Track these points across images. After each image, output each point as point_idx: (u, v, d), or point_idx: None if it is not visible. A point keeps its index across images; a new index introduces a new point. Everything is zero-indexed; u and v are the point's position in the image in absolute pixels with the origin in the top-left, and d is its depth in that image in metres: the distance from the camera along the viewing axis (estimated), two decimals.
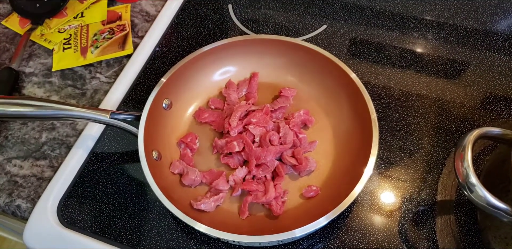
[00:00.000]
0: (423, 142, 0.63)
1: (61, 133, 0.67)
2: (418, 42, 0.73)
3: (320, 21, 0.77)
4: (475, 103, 0.66)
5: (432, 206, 0.57)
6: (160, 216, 0.58)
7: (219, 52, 0.65)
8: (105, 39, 0.76)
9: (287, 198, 0.57)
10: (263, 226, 0.55)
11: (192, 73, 0.65)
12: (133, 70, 0.73)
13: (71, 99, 0.71)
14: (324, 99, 0.65)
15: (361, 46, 0.73)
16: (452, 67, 0.70)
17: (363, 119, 0.57)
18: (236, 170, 0.59)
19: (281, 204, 0.56)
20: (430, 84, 0.68)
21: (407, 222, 0.56)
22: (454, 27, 0.75)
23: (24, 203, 0.61)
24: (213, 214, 0.56)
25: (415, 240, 0.55)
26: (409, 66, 0.71)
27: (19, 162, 0.65)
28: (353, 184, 0.51)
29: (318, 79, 0.65)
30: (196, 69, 0.65)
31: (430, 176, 0.60)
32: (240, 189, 0.58)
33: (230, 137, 0.60)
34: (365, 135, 0.56)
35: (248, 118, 0.61)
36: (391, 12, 0.77)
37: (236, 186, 0.58)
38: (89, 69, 0.74)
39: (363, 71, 0.70)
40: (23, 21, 0.81)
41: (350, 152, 0.59)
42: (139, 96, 0.70)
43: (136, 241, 0.57)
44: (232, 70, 0.68)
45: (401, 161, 0.61)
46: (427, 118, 0.65)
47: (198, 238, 0.57)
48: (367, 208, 0.58)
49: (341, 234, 0.56)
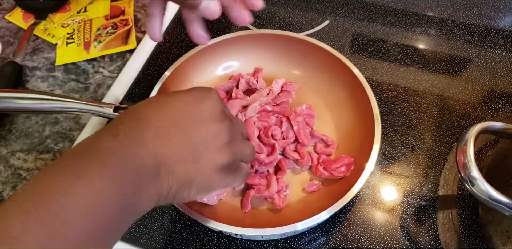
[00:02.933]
0: (425, 137, 0.63)
1: (65, 127, 0.68)
2: (420, 38, 0.74)
3: (323, 17, 0.77)
4: (477, 98, 0.66)
5: (434, 201, 0.58)
6: (162, 210, 0.59)
7: (223, 47, 0.65)
8: (108, 34, 0.77)
9: (289, 192, 0.58)
10: (265, 220, 0.55)
11: (196, 68, 0.65)
12: (136, 65, 0.73)
13: (74, 93, 0.71)
14: (326, 94, 0.65)
15: (363, 41, 0.74)
16: (454, 63, 0.70)
17: (366, 114, 0.57)
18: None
19: (283, 197, 0.56)
20: (432, 80, 0.68)
21: (409, 216, 0.57)
22: (457, 23, 0.75)
23: None
24: (215, 207, 0.56)
25: (416, 234, 0.55)
26: (411, 62, 0.71)
27: (23, 155, 0.65)
28: (355, 179, 0.51)
29: (320, 74, 0.65)
30: (199, 64, 0.65)
31: (432, 171, 0.60)
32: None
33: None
34: (367, 130, 0.56)
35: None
36: (394, 8, 0.77)
37: None
38: (92, 63, 0.75)
39: (365, 66, 0.70)
40: (27, 15, 0.81)
41: (352, 147, 0.59)
42: (142, 90, 0.70)
43: (139, 234, 0.57)
44: (236, 64, 0.69)
45: (403, 156, 0.62)
46: (429, 113, 0.65)
47: (200, 231, 0.57)
48: (369, 202, 0.58)
49: (343, 228, 0.56)
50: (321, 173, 0.57)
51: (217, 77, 0.68)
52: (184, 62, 0.63)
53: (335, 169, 0.56)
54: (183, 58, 0.63)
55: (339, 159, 0.57)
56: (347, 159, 0.57)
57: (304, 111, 0.62)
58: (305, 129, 0.61)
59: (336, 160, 0.57)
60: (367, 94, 0.58)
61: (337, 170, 0.56)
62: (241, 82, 0.65)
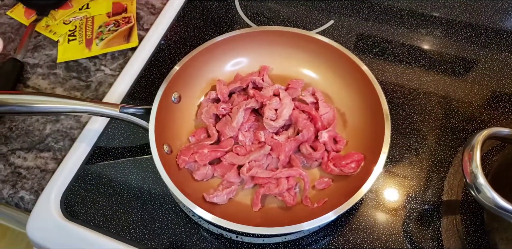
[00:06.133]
0: (429, 140, 0.62)
1: (65, 126, 0.67)
2: (426, 39, 0.73)
3: (328, 16, 0.76)
4: (483, 102, 0.65)
5: (438, 206, 0.57)
6: (163, 211, 0.58)
7: (231, 43, 0.65)
8: (110, 31, 0.76)
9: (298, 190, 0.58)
10: (276, 218, 0.55)
11: (203, 64, 0.65)
12: (138, 63, 0.72)
13: (76, 91, 0.70)
14: (335, 91, 0.65)
15: (368, 42, 0.73)
16: (461, 65, 0.69)
17: (375, 112, 0.57)
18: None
19: (294, 195, 0.56)
20: (438, 82, 0.68)
21: (412, 221, 0.56)
22: (463, 25, 0.74)
23: (27, 195, 0.61)
24: (225, 206, 0.56)
25: (420, 240, 0.55)
26: (416, 63, 0.70)
27: (23, 153, 0.65)
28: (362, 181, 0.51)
29: (329, 71, 0.65)
30: (208, 59, 0.65)
31: (436, 175, 0.59)
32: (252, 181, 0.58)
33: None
34: (376, 127, 0.56)
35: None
36: (399, 8, 0.76)
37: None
38: (94, 61, 0.74)
39: (370, 67, 0.68)
40: (28, 12, 0.80)
41: (361, 144, 0.59)
42: (144, 89, 0.69)
43: (139, 235, 0.57)
44: (245, 61, 0.68)
45: (407, 160, 0.61)
46: (434, 116, 0.64)
47: (201, 233, 0.56)
48: (372, 206, 0.57)
49: (345, 232, 0.56)
50: (332, 169, 0.57)
51: (225, 73, 0.68)
52: (193, 58, 0.62)
53: (345, 165, 0.56)
54: (192, 53, 0.62)
55: (349, 155, 0.57)
56: (357, 155, 0.56)
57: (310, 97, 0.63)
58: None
59: (346, 156, 0.57)
60: (377, 92, 0.58)
61: (347, 166, 0.56)
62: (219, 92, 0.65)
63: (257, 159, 0.58)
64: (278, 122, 0.59)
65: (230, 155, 0.60)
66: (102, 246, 0.56)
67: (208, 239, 0.56)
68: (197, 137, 0.62)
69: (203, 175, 0.58)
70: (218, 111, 0.61)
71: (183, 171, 0.59)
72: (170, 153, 0.58)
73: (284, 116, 0.59)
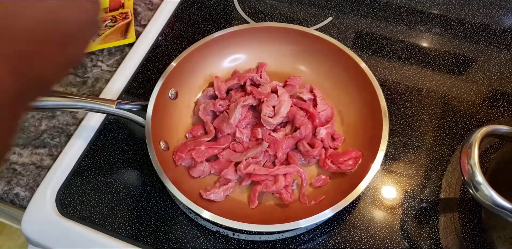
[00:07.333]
0: (427, 138, 0.62)
1: (61, 122, 0.66)
2: (425, 37, 0.72)
3: (326, 13, 0.76)
4: (482, 99, 0.65)
5: (436, 204, 0.57)
6: (159, 208, 0.58)
7: (228, 39, 0.64)
8: (107, 27, 0.75)
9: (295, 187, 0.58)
10: (273, 215, 0.55)
11: (200, 60, 0.64)
12: (135, 59, 0.71)
13: (72, 87, 0.70)
14: (333, 88, 0.64)
15: (367, 39, 0.72)
16: (459, 62, 0.69)
17: (373, 109, 0.57)
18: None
19: (291, 192, 0.56)
20: (436, 80, 0.67)
21: (410, 219, 0.56)
22: (462, 22, 0.74)
23: (22, 191, 0.61)
24: (222, 204, 0.56)
25: (417, 237, 0.54)
26: (415, 61, 0.69)
27: (18, 150, 0.64)
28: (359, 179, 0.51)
29: (327, 68, 0.65)
30: (205, 55, 0.64)
31: (434, 173, 0.59)
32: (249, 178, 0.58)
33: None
34: (374, 124, 0.56)
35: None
36: (398, 5, 0.76)
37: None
38: (90, 57, 0.73)
39: (368, 64, 0.68)
40: None
41: (359, 141, 0.59)
42: (141, 85, 0.69)
43: (135, 232, 0.56)
44: (242, 57, 0.68)
45: (405, 157, 0.61)
46: (432, 114, 0.64)
47: (197, 230, 0.56)
48: (369, 204, 0.57)
49: (342, 229, 0.56)
50: (329, 166, 0.56)
51: (223, 69, 0.67)
52: (190, 54, 0.62)
53: (343, 162, 0.56)
54: (189, 49, 0.62)
55: (347, 152, 0.57)
56: (355, 152, 0.56)
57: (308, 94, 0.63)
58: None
59: (343, 153, 0.57)
60: (375, 89, 0.57)
61: (344, 163, 0.56)
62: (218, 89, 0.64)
63: (254, 156, 0.58)
64: (276, 119, 0.59)
65: (227, 152, 0.59)
66: (97, 243, 0.56)
67: (204, 236, 0.56)
68: (194, 133, 0.61)
69: (200, 172, 0.58)
70: (215, 107, 0.61)
71: (179, 168, 0.58)
72: (166, 150, 0.58)
73: (282, 113, 0.59)
